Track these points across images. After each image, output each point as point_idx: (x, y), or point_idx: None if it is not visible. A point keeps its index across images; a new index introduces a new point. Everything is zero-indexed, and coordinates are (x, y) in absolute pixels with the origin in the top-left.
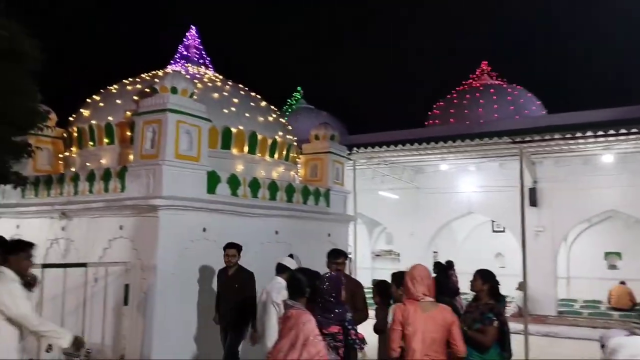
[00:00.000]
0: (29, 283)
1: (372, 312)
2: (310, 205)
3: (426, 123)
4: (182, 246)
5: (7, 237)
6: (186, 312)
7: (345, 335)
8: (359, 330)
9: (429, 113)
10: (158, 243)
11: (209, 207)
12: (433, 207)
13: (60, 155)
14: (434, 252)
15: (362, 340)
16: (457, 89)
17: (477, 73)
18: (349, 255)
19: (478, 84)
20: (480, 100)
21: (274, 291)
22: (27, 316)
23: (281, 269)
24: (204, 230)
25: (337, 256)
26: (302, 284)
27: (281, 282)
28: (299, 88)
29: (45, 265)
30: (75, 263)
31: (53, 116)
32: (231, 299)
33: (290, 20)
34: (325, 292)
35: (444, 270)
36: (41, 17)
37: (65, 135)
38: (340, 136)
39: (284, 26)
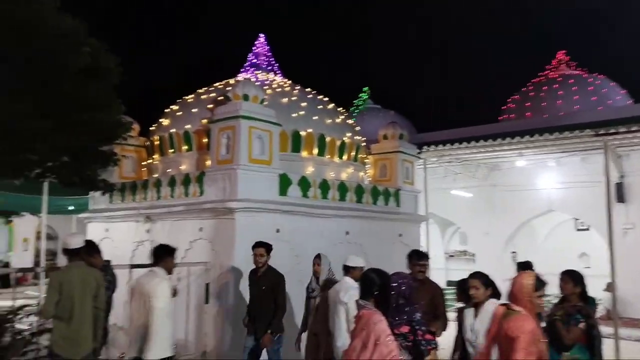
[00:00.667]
0: None
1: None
2: (380, 205)
3: (500, 118)
4: None
5: (97, 239)
6: None
7: (414, 336)
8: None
9: (503, 107)
10: (235, 244)
11: (281, 209)
12: (510, 205)
13: (144, 163)
14: (512, 252)
15: (430, 341)
16: (533, 81)
17: (553, 63)
18: None
19: (556, 75)
20: (559, 92)
21: (341, 291)
22: (161, 312)
23: (346, 270)
24: (278, 231)
25: (421, 257)
26: (373, 283)
27: (349, 282)
28: (365, 88)
29: (133, 266)
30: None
31: (136, 126)
32: (259, 302)
33: (354, 20)
34: (395, 292)
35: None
36: (120, 34)
37: (147, 143)
38: (409, 135)
39: (348, 27)
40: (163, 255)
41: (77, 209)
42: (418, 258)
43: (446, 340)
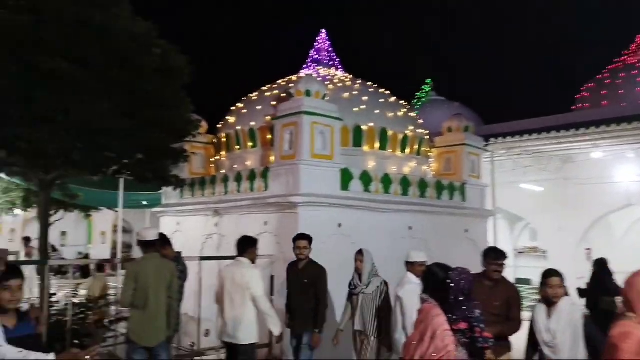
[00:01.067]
0: None
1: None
2: (444, 200)
3: (573, 108)
4: (320, 241)
5: (170, 232)
6: None
7: (472, 333)
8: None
9: (577, 96)
10: None
11: (343, 204)
12: (584, 199)
13: (212, 159)
14: (587, 249)
15: (487, 339)
16: (609, 67)
17: (632, 48)
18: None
19: (634, 60)
20: (638, 79)
21: (399, 286)
22: (264, 298)
23: (408, 265)
24: (339, 225)
25: (499, 256)
26: (435, 278)
27: (409, 277)
28: (428, 80)
29: (203, 258)
30: (228, 256)
31: (204, 124)
32: (300, 297)
33: (415, 11)
34: (455, 287)
35: (606, 268)
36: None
37: (215, 141)
38: (475, 127)
39: (408, 18)
40: (247, 246)
41: (150, 204)
42: (495, 257)
43: (519, 340)
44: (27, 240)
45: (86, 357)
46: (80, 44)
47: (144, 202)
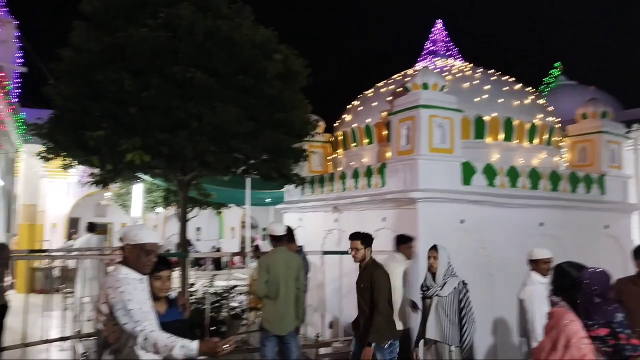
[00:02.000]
0: None
1: None
2: (580, 193)
3: None
4: (441, 237)
5: (293, 227)
6: None
7: (615, 340)
8: None
9: None
10: (418, 234)
11: (465, 199)
12: None
13: (329, 157)
14: None
15: (637, 347)
16: None
17: None
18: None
19: None
20: None
21: (523, 286)
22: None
23: (531, 264)
24: (462, 222)
25: None
26: (566, 278)
27: (532, 277)
28: (557, 64)
29: (325, 252)
30: (348, 251)
31: (322, 124)
32: (360, 302)
33: None
34: (589, 289)
35: None
36: (297, 33)
37: (332, 139)
38: (614, 112)
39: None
40: (402, 242)
41: (273, 201)
42: None
43: None
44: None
45: (224, 345)
46: (209, 54)
47: (267, 200)
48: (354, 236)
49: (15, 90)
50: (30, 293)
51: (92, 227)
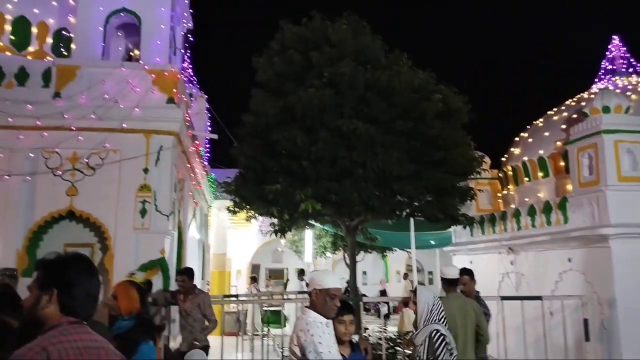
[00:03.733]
0: None
1: None
2: None
3: None
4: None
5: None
6: None
7: None
8: None
9: None
10: (614, 275)
11: None
12: None
13: (499, 194)
14: None
15: None
16: None
17: None
18: None
19: None
20: None
21: None
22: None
23: None
24: None
25: None
26: None
27: None
28: None
29: (503, 298)
30: (530, 296)
31: (487, 160)
32: None
33: None
34: None
35: None
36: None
37: (500, 175)
38: None
39: None
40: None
41: (439, 244)
42: None
43: None
44: (253, 279)
45: None
46: (370, 103)
47: (432, 242)
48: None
49: (207, 154)
50: (222, 335)
51: (301, 273)
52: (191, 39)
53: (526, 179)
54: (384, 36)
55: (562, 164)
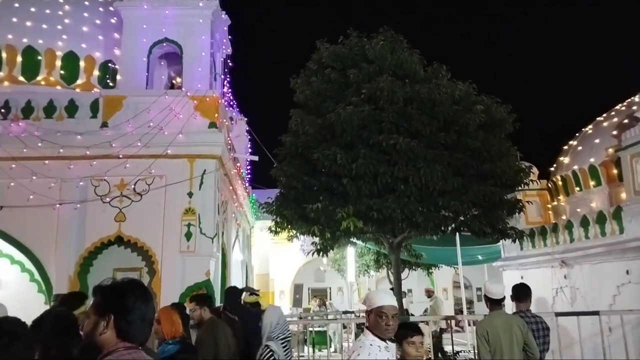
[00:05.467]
0: None
1: None
2: None
3: None
4: None
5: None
6: None
7: None
8: None
9: None
10: None
11: None
12: None
13: (548, 206)
14: None
15: None
16: None
17: None
18: None
19: None
20: None
21: None
22: None
23: None
24: None
25: None
26: None
27: None
28: None
29: (558, 314)
30: (586, 311)
31: (534, 170)
32: None
33: None
34: None
35: None
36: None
37: (549, 185)
38: None
39: None
40: None
41: (486, 258)
42: None
43: None
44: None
45: None
46: (410, 118)
47: (479, 257)
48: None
49: (248, 176)
50: None
51: (430, 294)
52: (230, 63)
53: (577, 188)
54: (421, 50)
55: (615, 171)
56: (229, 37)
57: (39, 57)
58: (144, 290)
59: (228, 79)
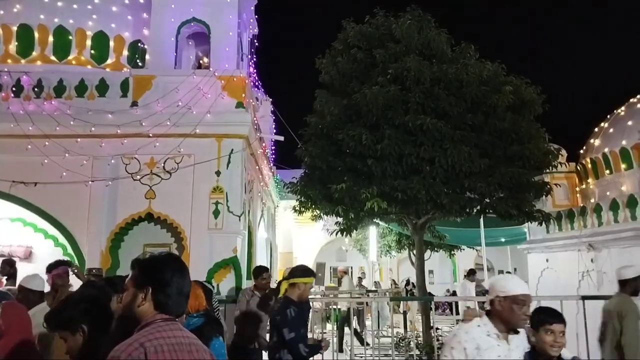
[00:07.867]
0: None
1: None
2: None
3: None
4: None
5: (538, 270)
6: None
7: None
8: None
9: None
10: None
11: None
12: None
13: (577, 189)
14: None
15: None
16: None
17: None
18: None
19: None
20: None
21: None
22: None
23: None
24: None
25: None
26: None
27: None
28: None
29: (584, 297)
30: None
31: (563, 152)
32: None
33: None
34: None
35: None
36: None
37: (578, 168)
38: None
39: None
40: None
41: (509, 241)
42: None
43: None
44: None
45: None
46: (437, 98)
47: (502, 239)
48: None
49: (272, 156)
50: None
51: (471, 273)
52: (256, 43)
53: (607, 171)
54: (450, 29)
55: None
56: (256, 16)
57: (70, 37)
58: (180, 264)
59: (254, 59)
